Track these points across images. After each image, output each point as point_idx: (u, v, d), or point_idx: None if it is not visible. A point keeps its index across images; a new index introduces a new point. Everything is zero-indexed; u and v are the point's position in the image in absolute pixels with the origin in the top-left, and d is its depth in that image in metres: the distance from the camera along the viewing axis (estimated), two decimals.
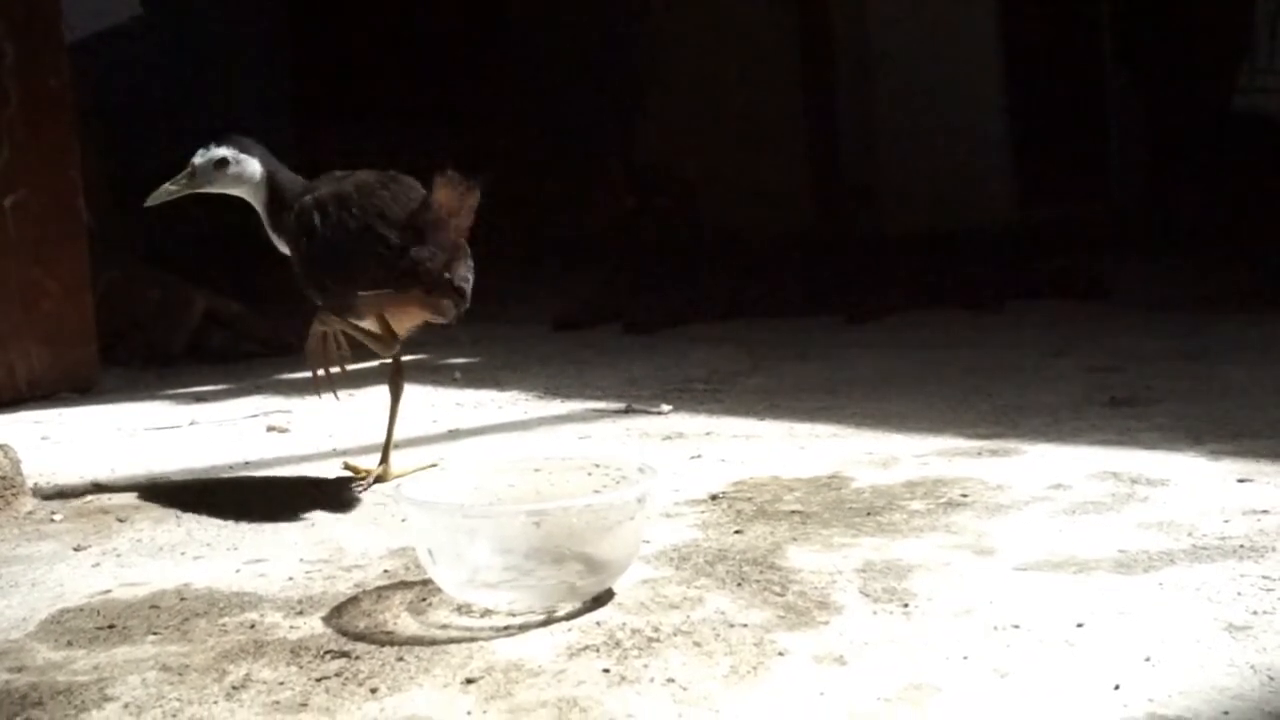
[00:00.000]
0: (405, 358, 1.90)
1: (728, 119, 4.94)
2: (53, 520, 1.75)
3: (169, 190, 1.85)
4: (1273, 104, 3.70)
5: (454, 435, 2.23)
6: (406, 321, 1.79)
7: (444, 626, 1.27)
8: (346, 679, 1.15)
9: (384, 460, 1.88)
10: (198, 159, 1.83)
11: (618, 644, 1.20)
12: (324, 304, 1.80)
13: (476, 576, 1.30)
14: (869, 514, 1.59)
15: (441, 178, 1.66)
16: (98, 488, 1.91)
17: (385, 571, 1.45)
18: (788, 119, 4.96)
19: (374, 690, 1.12)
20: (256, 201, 1.86)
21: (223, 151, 1.82)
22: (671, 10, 5.23)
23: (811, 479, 1.78)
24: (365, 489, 1.83)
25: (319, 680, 1.15)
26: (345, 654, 1.20)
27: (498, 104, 6.48)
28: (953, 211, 4.53)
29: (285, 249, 1.86)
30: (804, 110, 4.95)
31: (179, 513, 1.75)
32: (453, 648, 1.21)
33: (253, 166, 1.83)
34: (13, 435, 2.15)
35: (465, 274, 1.72)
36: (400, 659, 1.19)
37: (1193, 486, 1.64)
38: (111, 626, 1.31)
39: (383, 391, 1.91)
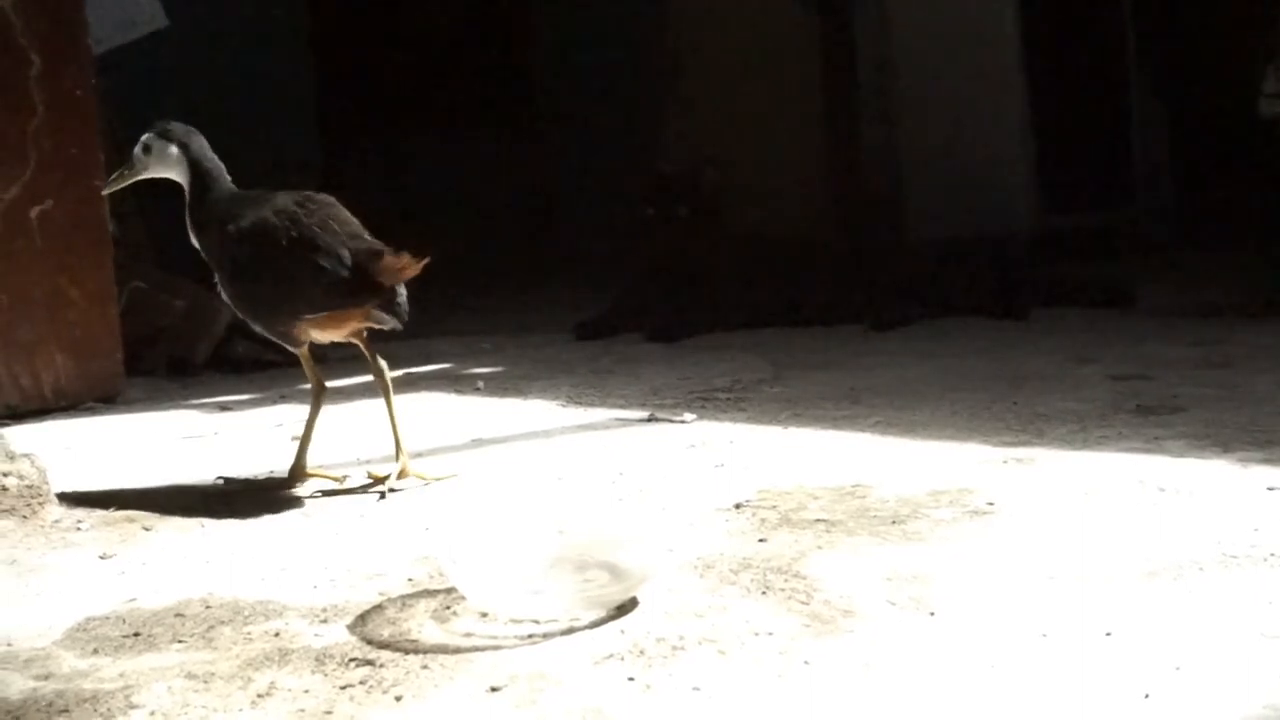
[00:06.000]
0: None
1: (749, 128, 4.94)
2: (79, 529, 1.75)
3: (116, 178, 2.02)
4: None
5: (477, 444, 2.23)
6: (346, 330, 1.88)
7: (468, 634, 1.27)
8: (371, 687, 1.15)
9: (398, 455, 1.90)
10: (135, 148, 1.98)
11: (642, 652, 1.19)
12: (265, 330, 1.88)
13: (500, 584, 1.30)
14: (894, 522, 1.58)
15: (392, 253, 1.76)
16: (123, 496, 1.92)
17: (409, 579, 1.45)
18: (810, 128, 4.95)
19: (398, 698, 1.12)
20: (185, 188, 1.96)
21: (145, 137, 1.96)
22: (693, 21, 5.24)
23: (835, 487, 1.77)
24: (386, 494, 1.84)
25: (343, 688, 1.15)
26: (370, 662, 1.20)
27: (522, 114, 6.50)
28: (976, 219, 4.51)
29: (199, 245, 1.94)
30: (825, 118, 4.94)
31: (204, 521, 1.76)
32: (477, 656, 1.21)
33: (169, 149, 1.94)
34: (39, 444, 2.16)
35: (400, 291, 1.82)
36: (425, 667, 1.18)
37: (1221, 494, 1.63)
38: (137, 634, 1.32)
39: (401, 403, 1.92)
